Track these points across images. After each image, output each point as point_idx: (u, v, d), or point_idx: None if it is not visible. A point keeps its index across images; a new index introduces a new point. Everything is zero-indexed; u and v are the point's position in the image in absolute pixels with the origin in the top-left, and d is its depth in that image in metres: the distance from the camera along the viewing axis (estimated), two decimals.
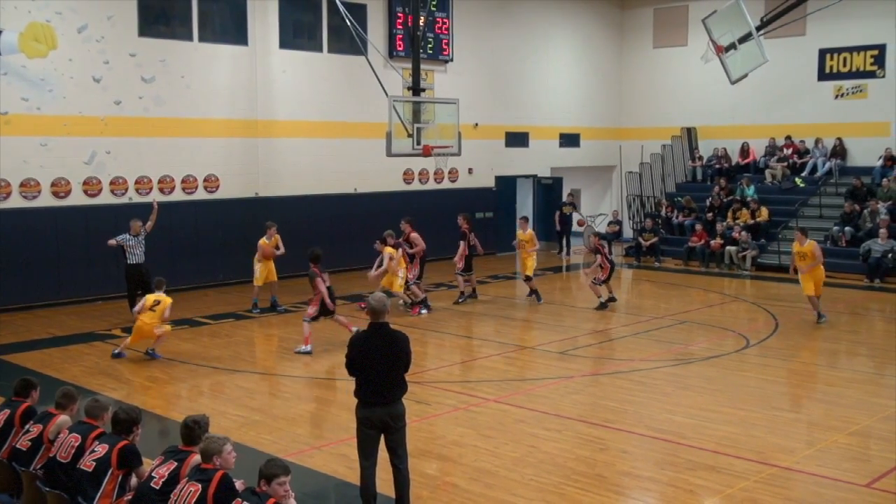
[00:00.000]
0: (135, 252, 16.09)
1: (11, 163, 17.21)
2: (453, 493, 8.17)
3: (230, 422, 10.18)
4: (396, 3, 22.93)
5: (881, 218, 21.56)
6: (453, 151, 17.93)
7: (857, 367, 13.49)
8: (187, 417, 6.44)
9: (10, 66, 17.02)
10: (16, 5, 17.01)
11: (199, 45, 19.71)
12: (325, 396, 11.65)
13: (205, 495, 5.74)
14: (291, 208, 21.17)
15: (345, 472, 8.59)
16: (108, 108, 18.40)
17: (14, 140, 17.15)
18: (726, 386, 11.93)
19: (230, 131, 20.36)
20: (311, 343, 13.78)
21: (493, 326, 16.12)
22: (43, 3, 17.33)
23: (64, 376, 12.17)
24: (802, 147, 26.00)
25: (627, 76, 30.16)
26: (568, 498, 8.03)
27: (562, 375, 12.54)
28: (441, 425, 10.27)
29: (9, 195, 17.27)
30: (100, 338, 15.01)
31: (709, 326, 15.90)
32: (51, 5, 17.45)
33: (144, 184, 19.03)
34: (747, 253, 22.97)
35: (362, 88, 21.17)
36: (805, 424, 10.49)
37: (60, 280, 17.84)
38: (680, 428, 10.02)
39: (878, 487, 8.26)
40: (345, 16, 17.64)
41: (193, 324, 16.20)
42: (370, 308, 7.33)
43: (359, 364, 7.26)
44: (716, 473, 8.61)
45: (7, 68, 16.99)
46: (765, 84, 24.66)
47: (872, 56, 24.66)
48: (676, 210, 26.14)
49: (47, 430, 7.12)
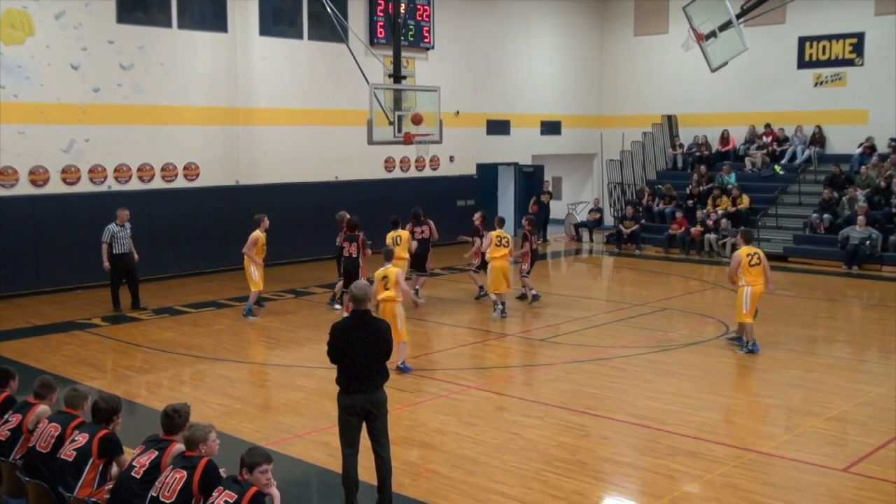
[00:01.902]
0: (121, 242, 15.97)
1: None
2: (435, 481, 8.19)
3: (212, 410, 10.15)
4: None
5: (859, 205, 21.72)
6: (434, 139, 17.89)
7: (835, 353, 13.61)
8: (168, 406, 6.41)
9: None
10: None
11: (178, 31, 19.54)
12: (306, 385, 11.64)
13: (190, 482, 5.74)
14: (272, 196, 21.07)
15: (326, 461, 8.59)
16: (87, 96, 18.22)
17: None
18: (706, 372, 12.01)
19: (210, 119, 20.23)
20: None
21: (474, 314, 16.13)
22: None
23: (43, 366, 12.09)
24: (782, 135, 26.15)
25: (608, 64, 30.18)
26: (549, 484, 8.08)
27: (543, 363, 12.59)
28: (423, 413, 10.28)
29: None
30: (80, 327, 14.92)
31: (689, 313, 16.00)
32: None
33: (124, 172, 18.89)
34: (727, 240, 23.09)
35: (343, 76, 21.08)
36: (784, 410, 10.59)
37: (39, 269, 17.69)
38: (660, 414, 10.08)
39: (855, 472, 8.35)
40: (325, 3, 17.52)
41: (174, 312, 16.12)
42: (352, 296, 7.35)
43: (340, 352, 7.25)
44: (696, 459, 8.68)
45: None
46: (745, 72, 24.75)
47: (851, 44, 24.81)
48: (657, 198, 26.23)
49: (26, 420, 7.07)
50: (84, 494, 6.28)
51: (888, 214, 21.71)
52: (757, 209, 24.09)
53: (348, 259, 15.15)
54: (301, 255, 21.36)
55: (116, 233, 15.92)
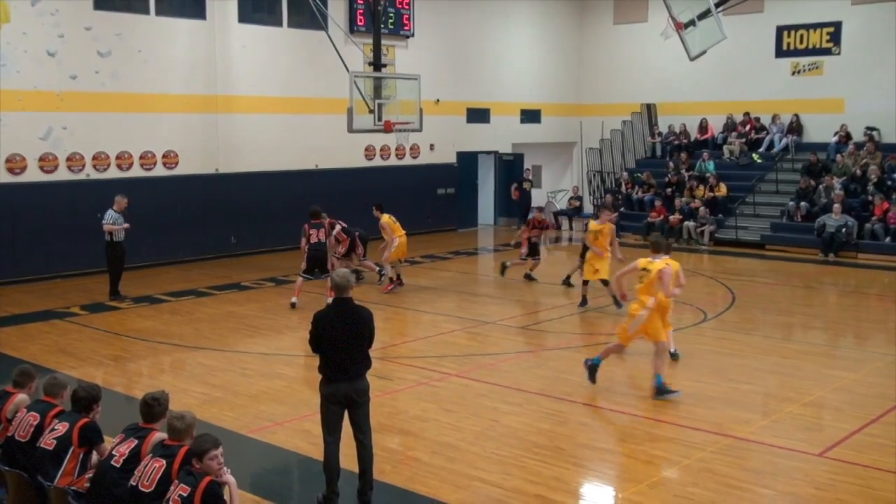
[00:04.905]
0: (122, 230, 15.84)
1: None
2: (416, 467, 8.22)
3: (192, 399, 10.12)
4: None
5: (836, 193, 21.90)
6: (415, 127, 17.87)
7: (811, 339, 13.74)
8: (147, 395, 6.37)
9: None
10: None
11: (155, 18, 19.37)
12: (287, 373, 11.63)
13: (169, 471, 5.72)
14: (252, 185, 20.99)
15: (307, 448, 8.59)
16: (64, 83, 18.04)
17: None
18: (684, 359, 12.08)
19: (189, 107, 20.08)
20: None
21: (454, 302, 16.16)
22: None
23: (22, 355, 12.00)
24: (759, 123, 26.29)
25: (588, 52, 30.19)
26: (528, 470, 8.12)
27: (523, 350, 12.63)
28: (404, 400, 10.30)
29: None
30: (58, 316, 14.81)
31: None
32: None
33: (102, 160, 18.74)
34: (705, 228, 23.25)
35: (323, 64, 20.97)
36: (761, 396, 10.69)
37: (16, 257, 17.53)
38: (639, 401, 10.15)
39: (830, 456, 8.44)
40: None
41: (154, 301, 16.05)
42: (334, 284, 7.32)
43: (323, 340, 7.24)
44: (673, 444, 8.75)
45: None
46: (723, 61, 24.82)
47: (828, 33, 24.96)
48: (636, 186, 26.33)
49: (5, 409, 7.02)
50: (64, 483, 6.25)
51: (864, 202, 21.92)
52: (735, 197, 24.23)
53: (315, 245, 15.41)
54: (280, 244, 21.27)
55: (117, 219, 15.79)
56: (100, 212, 16.08)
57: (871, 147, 23.32)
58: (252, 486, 7.74)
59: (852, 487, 7.75)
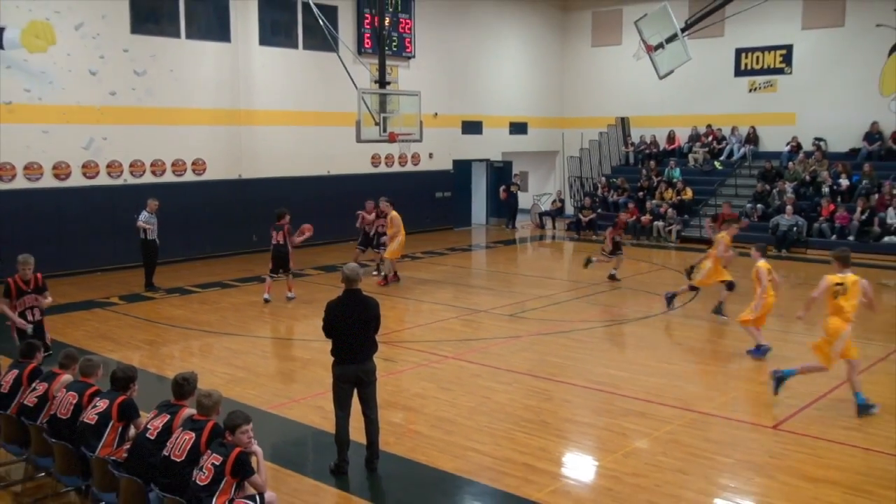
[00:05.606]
0: (154, 228, 15.83)
1: (15, 148, 16.81)
2: (417, 439, 8.21)
3: (218, 379, 10.10)
4: (364, 4, 22.67)
5: (787, 196, 21.94)
6: (415, 138, 17.81)
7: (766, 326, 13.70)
8: (178, 375, 6.36)
9: (12, 60, 16.57)
10: (17, 4, 16.53)
11: (186, 41, 19.32)
12: (302, 356, 11.61)
13: (198, 442, 5.73)
14: (271, 189, 20.95)
15: (321, 422, 8.58)
16: (104, 99, 18.00)
17: (17, 127, 16.72)
18: (655, 343, 12.10)
19: (215, 120, 20.03)
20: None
21: (451, 293, 16.14)
22: (42, 2, 16.86)
23: (67, 339, 11.97)
24: (720, 134, 26.28)
25: (569, 72, 30.15)
26: (517, 441, 8.12)
27: (512, 335, 12.62)
28: (406, 380, 10.29)
29: (14, 177, 16.88)
30: (100, 305, 14.78)
31: (640, 291, 16.08)
32: (50, 5, 16.98)
33: (138, 167, 18.70)
34: (673, 227, 23.25)
35: (334, 82, 20.90)
36: (722, 376, 10.69)
37: (62, 254, 17.48)
38: (614, 380, 10.15)
39: (782, 429, 8.46)
40: (318, 16, 17.37)
41: (184, 292, 16.02)
42: (344, 276, 7.30)
43: (334, 327, 7.23)
44: (645, 419, 8.75)
45: (10, 62, 16.54)
46: (688, 79, 24.81)
47: (781, 55, 24.96)
48: (612, 189, 26.31)
49: (52, 388, 7.02)
50: (105, 454, 6.24)
51: (813, 204, 21.94)
52: (699, 200, 24.23)
53: (276, 246, 14.95)
54: None
55: (151, 221, 15.76)
56: (136, 213, 16.07)
57: (819, 156, 23.32)
58: (272, 455, 7.72)
59: (801, 456, 7.75)
